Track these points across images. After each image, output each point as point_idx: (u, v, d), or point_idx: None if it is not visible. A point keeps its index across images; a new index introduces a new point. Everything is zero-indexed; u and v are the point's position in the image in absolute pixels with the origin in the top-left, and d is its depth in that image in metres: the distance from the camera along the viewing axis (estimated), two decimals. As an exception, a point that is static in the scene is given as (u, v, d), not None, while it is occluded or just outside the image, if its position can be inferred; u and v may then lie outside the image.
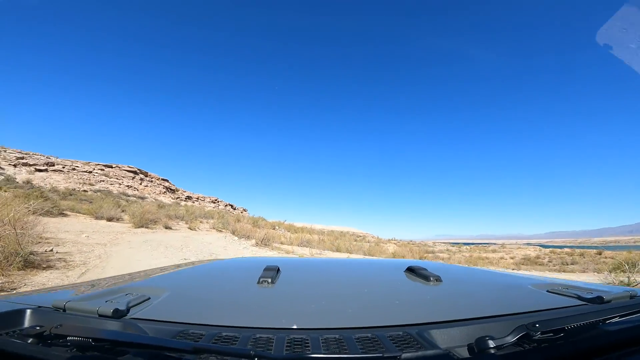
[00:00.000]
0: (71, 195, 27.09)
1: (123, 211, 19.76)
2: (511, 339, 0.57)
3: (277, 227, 31.53)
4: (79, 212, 18.69)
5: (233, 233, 17.70)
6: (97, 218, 17.28)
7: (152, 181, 47.96)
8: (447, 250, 43.92)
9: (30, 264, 5.42)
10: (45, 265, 5.67)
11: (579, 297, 0.90)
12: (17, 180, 28.50)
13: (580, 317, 0.66)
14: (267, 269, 1.20)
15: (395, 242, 51.11)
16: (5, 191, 21.73)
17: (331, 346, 0.58)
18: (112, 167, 43.92)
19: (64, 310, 0.70)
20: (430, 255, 27.46)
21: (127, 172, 44.97)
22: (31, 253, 6.22)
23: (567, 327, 0.61)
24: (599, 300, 0.84)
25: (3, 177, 27.90)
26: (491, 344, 0.56)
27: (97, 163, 43.05)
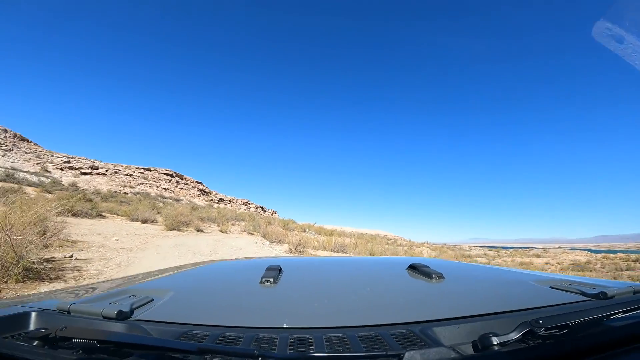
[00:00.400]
0: (112, 197, 27.76)
1: (158, 213, 19.69)
2: (515, 335, 0.56)
3: (307, 230, 30.69)
4: (117, 214, 18.89)
5: (264, 237, 16.78)
6: (132, 220, 17.22)
7: (187, 184, 48.89)
8: (485, 254, 40.98)
9: (36, 274, 4.60)
10: (53, 276, 4.84)
11: (582, 293, 0.88)
12: (63, 183, 29.64)
13: (583, 312, 0.65)
14: (269, 268, 1.18)
15: (429, 245, 48.80)
16: (51, 193, 22.54)
17: (335, 345, 0.58)
18: (150, 171, 45.22)
19: (69, 312, 0.69)
20: (467, 260, 24.95)
21: (164, 175, 46.13)
22: (46, 260, 5.47)
23: (571, 323, 0.60)
24: (602, 295, 0.82)
25: (50, 180, 29.08)
26: (495, 340, 0.56)
27: (137, 167, 44.50)
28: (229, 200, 55.07)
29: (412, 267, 1.28)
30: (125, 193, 34.15)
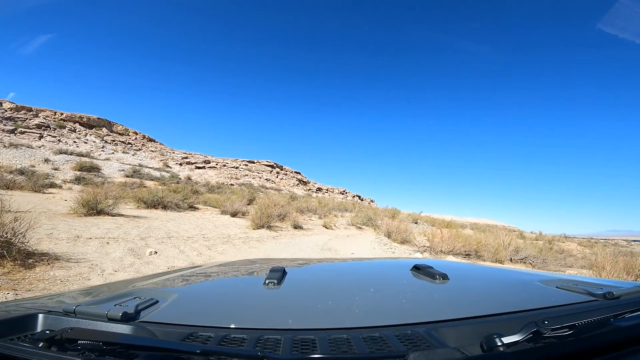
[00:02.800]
0: (219, 188, 25.98)
1: (251, 204, 15.72)
2: (521, 336, 0.53)
3: (418, 221, 23.53)
4: (211, 206, 15.57)
5: (389, 237, 10.54)
6: (222, 212, 13.29)
7: (286, 174, 46.71)
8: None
9: None
10: None
11: (589, 293, 0.83)
12: (180, 177, 29.14)
13: (590, 313, 0.63)
14: (272, 270, 1.10)
15: (570, 238, 35.72)
16: (165, 185, 21.24)
17: (339, 346, 0.55)
18: (253, 163, 44.29)
19: (74, 314, 0.66)
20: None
21: (266, 167, 44.73)
22: None
23: (578, 323, 0.56)
24: (609, 295, 0.77)
25: (169, 174, 28.77)
26: (501, 341, 0.53)
27: (242, 160, 44.03)
28: (327, 190, 51.16)
29: (416, 268, 1.19)
30: (231, 184, 32.68)
